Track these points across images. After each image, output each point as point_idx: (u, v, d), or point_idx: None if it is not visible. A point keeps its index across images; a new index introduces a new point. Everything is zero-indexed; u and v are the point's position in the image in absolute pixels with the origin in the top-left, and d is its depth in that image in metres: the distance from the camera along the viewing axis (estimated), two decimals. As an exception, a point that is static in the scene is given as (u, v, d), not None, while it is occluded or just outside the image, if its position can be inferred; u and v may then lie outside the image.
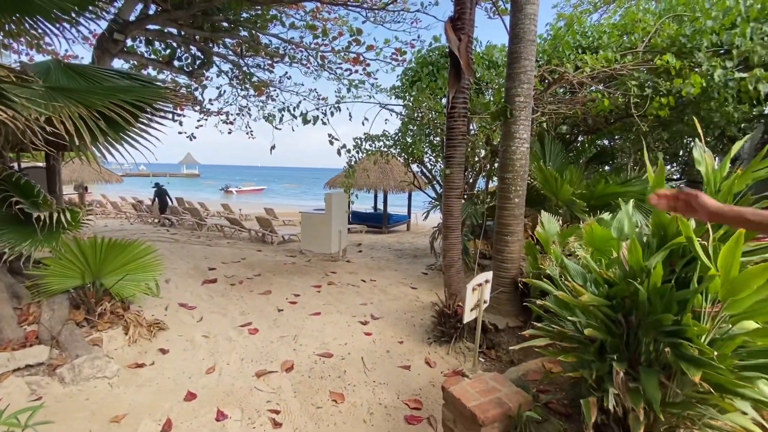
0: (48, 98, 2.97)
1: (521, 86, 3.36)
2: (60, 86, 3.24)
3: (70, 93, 3.15)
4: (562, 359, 1.85)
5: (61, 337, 3.42)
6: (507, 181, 3.48)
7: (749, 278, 1.33)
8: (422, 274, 6.78)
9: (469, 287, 2.64)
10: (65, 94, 3.10)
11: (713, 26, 4.16)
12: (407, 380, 3.29)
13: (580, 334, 1.93)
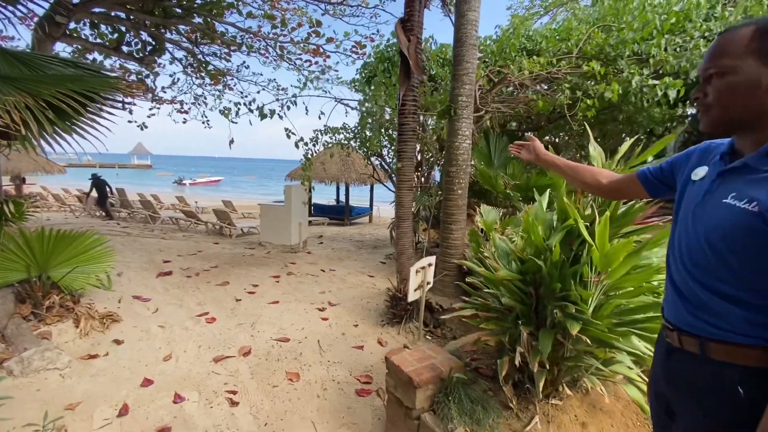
0: None
1: (463, 87, 3.65)
2: (4, 74, 3.14)
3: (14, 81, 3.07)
4: (483, 326, 2.16)
5: (7, 331, 3.35)
6: (452, 174, 3.78)
7: (617, 251, 1.68)
8: (380, 263, 7.05)
9: (412, 270, 2.91)
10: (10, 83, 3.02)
11: (634, 37, 4.67)
12: (360, 359, 3.54)
13: (500, 305, 2.25)
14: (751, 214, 0.82)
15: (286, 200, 7.70)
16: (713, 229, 0.90)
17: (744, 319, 0.86)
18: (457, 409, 2.11)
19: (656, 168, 1.22)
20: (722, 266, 0.88)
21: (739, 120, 0.89)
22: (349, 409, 2.85)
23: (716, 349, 0.90)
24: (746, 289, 0.85)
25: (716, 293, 0.90)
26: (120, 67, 9.70)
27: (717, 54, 0.90)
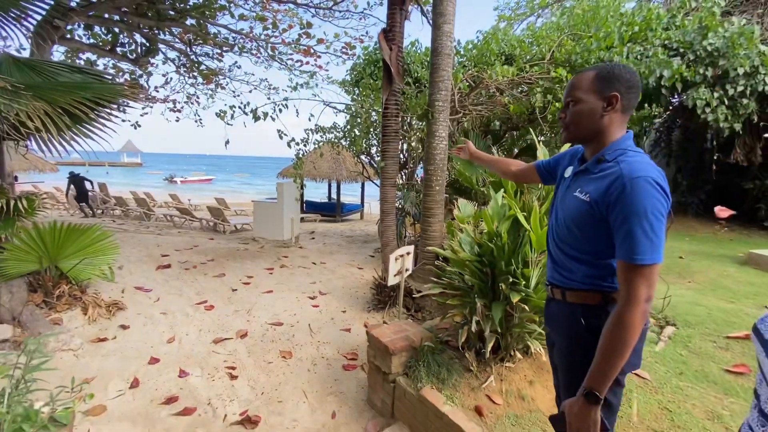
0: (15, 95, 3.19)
1: (440, 93, 4.02)
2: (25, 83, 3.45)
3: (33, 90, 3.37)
4: (449, 302, 2.55)
5: (23, 317, 3.66)
6: (430, 172, 4.15)
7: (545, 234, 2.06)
8: (369, 256, 7.42)
9: (392, 257, 3.28)
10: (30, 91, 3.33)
11: (599, 45, 5.08)
12: (347, 339, 3.92)
13: (463, 284, 2.64)
14: (585, 203, 1.18)
15: (278, 197, 8.02)
16: (568, 214, 1.26)
17: (585, 274, 1.24)
18: (425, 372, 2.50)
19: (547, 161, 1.63)
20: (573, 239, 1.25)
21: (584, 136, 1.24)
22: (336, 381, 3.22)
23: (570, 294, 1.29)
24: (585, 253, 1.23)
25: (570, 257, 1.28)
26: (114, 67, 9.90)
27: (573, 88, 1.23)
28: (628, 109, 1.20)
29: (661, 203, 1.05)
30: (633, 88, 1.18)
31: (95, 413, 2.72)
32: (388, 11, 4.32)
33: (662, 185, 1.07)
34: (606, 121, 1.19)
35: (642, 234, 1.04)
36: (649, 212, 1.04)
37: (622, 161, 1.13)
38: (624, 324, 1.06)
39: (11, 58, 3.79)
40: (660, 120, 8.10)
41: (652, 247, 1.04)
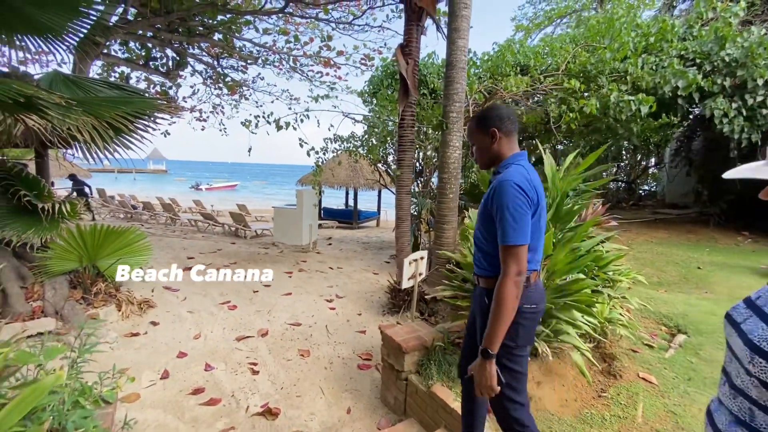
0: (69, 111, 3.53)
1: (454, 104, 4.18)
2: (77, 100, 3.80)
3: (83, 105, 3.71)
4: (460, 304, 2.67)
5: (64, 311, 3.96)
6: (444, 180, 4.30)
7: (547, 240, 2.18)
8: (385, 262, 7.58)
9: (406, 261, 3.43)
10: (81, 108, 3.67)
11: (613, 56, 5.16)
12: (362, 341, 4.07)
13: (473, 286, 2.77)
14: (483, 205, 1.53)
15: (297, 203, 8.29)
16: (478, 218, 1.59)
17: (489, 263, 1.55)
18: (437, 370, 2.62)
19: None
20: (482, 236, 1.58)
21: (486, 163, 1.61)
22: (351, 379, 3.37)
23: (481, 281, 1.62)
24: (488, 247, 1.54)
25: (481, 251, 1.60)
26: (145, 80, 10.47)
27: (469, 134, 1.66)
28: (510, 133, 1.55)
29: (519, 199, 1.37)
30: (505, 119, 1.54)
31: (130, 400, 2.95)
32: (405, 27, 4.53)
33: (522, 186, 1.38)
34: (496, 148, 1.55)
35: (507, 223, 1.36)
36: (510, 206, 1.36)
37: (503, 172, 1.49)
38: (501, 293, 1.37)
39: (60, 75, 4.16)
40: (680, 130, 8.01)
41: (515, 233, 1.36)
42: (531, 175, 1.46)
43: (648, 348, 3.12)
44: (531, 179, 1.43)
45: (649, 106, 4.66)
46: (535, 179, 1.47)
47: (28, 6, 3.69)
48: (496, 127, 1.53)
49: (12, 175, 3.80)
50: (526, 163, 1.52)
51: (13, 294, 3.84)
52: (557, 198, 2.48)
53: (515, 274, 1.37)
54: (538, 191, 1.45)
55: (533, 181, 1.44)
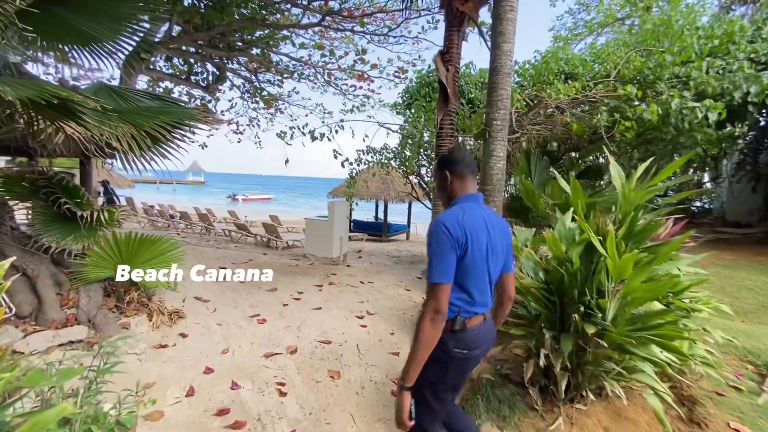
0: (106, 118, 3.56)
1: (498, 111, 3.91)
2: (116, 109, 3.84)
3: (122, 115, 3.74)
4: (513, 332, 2.36)
5: (97, 320, 3.94)
6: (486, 193, 4.01)
7: (626, 262, 1.85)
8: (417, 278, 7.27)
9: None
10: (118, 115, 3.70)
11: (673, 60, 4.73)
12: (396, 364, 3.78)
13: (527, 312, 2.44)
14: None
15: (329, 215, 8.18)
16: None
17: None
18: (485, 407, 2.31)
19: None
20: None
21: (444, 202, 1.66)
22: (384, 407, 3.08)
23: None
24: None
25: None
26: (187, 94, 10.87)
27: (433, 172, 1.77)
28: (463, 176, 1.61)
29: (442, 238, 1.39)
30: (458, 163, 1.62)
31: (154, 418, 2.80)
32: (445, 33, 4.34)
33: (447, 226, 1.40)
34: (449, 188, 1.64)
35: (430, 260, 1.40)
36: (434, 244, 1.40)
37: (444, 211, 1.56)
38: (417, 329, 1.39)
39: (104, 86, 4.25)
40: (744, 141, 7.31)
41: (434, 271, 1.38)
42: (467, 215, 1.46)
43: (735, 391, 2.64)
44: (463, 220, 1.43)
45: (717, 113, 4.19)
46: (472, 220, 1.45)
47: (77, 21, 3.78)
48: (449, 169, 1.62)
49: (53, 183, 3.86)
50: (469, 205, 1.53)
51: (49, 300, 3.86)
52: (630, 213, 2.14)
53: (432, 312, 1.38)
54: (468, 232, 1.42)
55: (466, 221, 1.43)
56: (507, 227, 1.63)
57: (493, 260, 1.49)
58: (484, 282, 1.49)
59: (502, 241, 1.56)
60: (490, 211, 1.61)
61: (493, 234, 1.49)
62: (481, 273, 1.46)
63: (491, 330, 1.61)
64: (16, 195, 3.88)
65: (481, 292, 1.48)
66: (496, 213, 1.65)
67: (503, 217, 1.86)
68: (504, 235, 1.58)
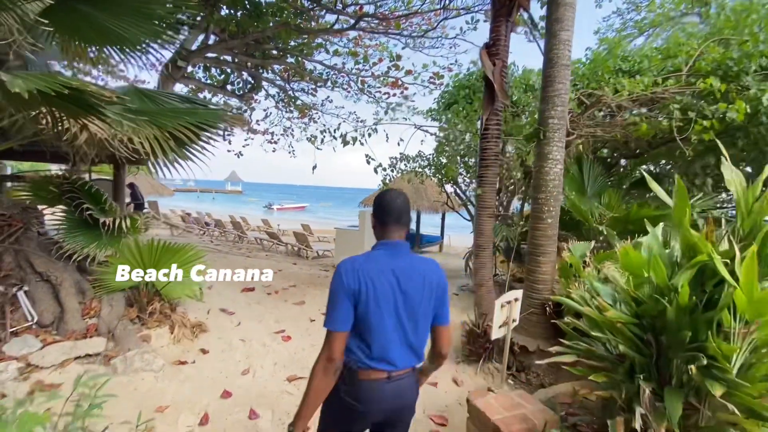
0: (131, 119, 3.41)
1: (555, 108, 3.41)
2: (139, 109, 3.69)
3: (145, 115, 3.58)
4: (592, 378, 1.84)
5: (117, 332, 3.75)
6: (540, 202, 3.49)
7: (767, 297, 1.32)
8: (454, 294, 6.74)
9: (497, 303, 2.67)
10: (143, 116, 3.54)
11: (762, 50, 4.03)
12: (434, 397, 3.30)
13: (609, 354, 1.92)
14: None
15: (360, 225, 7.85)
16: None
17: None
18: (554, 473, 1.79)
19: None
20: None
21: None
22: (421, 451, 2.62)
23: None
24: None
25: None
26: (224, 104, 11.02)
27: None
28: (383, 223, 1.45)
29: (335, 285, 1.34)
30: (380, 209, 1.46)
31: (160, 452, 2.49)
32: (491, 24, 3.91)
33: (341, 272, 1.34)
34: (375, 232, 1.51)
35: (327, 306, 1.37)
36: (330, 290, 1.36)
37: None
38: (310, 374, 1.37)
39: (135, 89, 4.14)
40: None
41: (327, 318, 1.34)
42: (369, 263, 1.36)
43: None
44: (361, 267, 1.34)
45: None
46: (373, 269, 1.34)
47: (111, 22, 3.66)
48: (373, 215, 1.51)
49: (77, 188, 3.74)
50: (379, 252, 1.42)
51: (71, 309, 3.71)
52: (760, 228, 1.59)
53: (324, 359, 1.33)
54: (364, 280, 1.32)
55: (364, 269, 1.34)
56: (435, 276, 1.43)
57: (407, 313, 1.36)
58: (385, 336, 1.34)
59: (423, 293, 1.38)
60: (411, 259, 1.42)
61: (405, 284, 1.35)
62: (380, 326, 1.33)
63: (402, 390, 1.41)
64: (43, 200, 3.80)
65: (381, 347, 1.34)
66: (426, 260, 1.46)
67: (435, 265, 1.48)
68: (427, 286, 1.39)
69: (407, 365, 1.41)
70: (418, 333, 1.40)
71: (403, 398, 1.43)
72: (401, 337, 1.36)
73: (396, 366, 1.37)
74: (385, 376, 1.36)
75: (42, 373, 3.16)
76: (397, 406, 1.43)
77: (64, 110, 2.70)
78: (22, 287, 3.68)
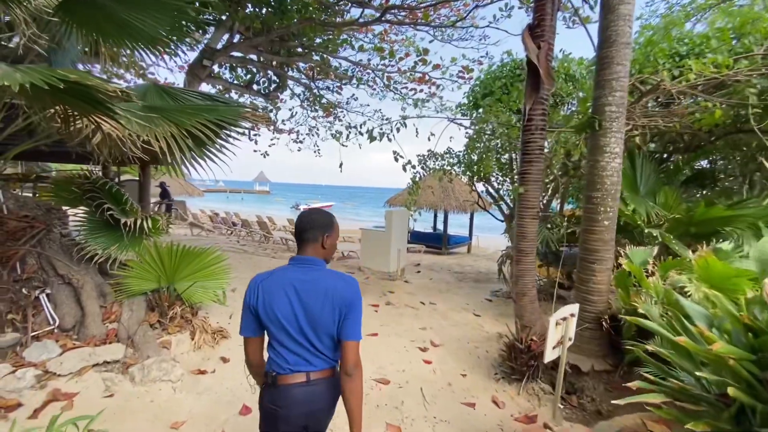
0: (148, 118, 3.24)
1: (613, 94, 2.97)
2: (154, 105, 3.52)
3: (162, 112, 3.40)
4: (691, 428, 1.44)
5: (136, 337, 3.61)
6: (595, 201, 3.06)
7: None
8: (486, 300, 6.32)
9: (552, 321, 2.28)
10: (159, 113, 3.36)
11: None
12: (472, 420, 2.94)
13: (708, 394, 1.51)
14: None
15: (386, 225, 7.54)
16: None
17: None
18: None
19: None
20: None
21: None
22: (462, 489, 2.28)
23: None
24: None
25: None
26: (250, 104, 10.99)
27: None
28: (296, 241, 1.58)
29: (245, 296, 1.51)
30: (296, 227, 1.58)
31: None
32: (536, 4, 3.50)
33: (249, 286, 1.51)
34: None
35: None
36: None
37: None
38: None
39: (154, 86, 4.00)
40: None
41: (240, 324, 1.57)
42: (271, 278, 1.48)
43: None
44: (262, 282, 1.48)
45: None
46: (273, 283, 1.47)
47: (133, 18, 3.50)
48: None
49: (97, 188, 3.62)
50: (284, 267, 1.53)
51: (92, 313, 3.60)
52: None
53: (245, 362, 1.68)
54: (260, 294, 1.46)
55: (264, 284, 1.47)
56: (340, 291, 1.46)
57: (309, 325, 1.45)
58: (287, 345, 1.47)
59: (324, 306, 1.44)
60: (318, 274, 1.49)
61: (306, 297, 1.44)
62: (278, 335, 1.47)
63: (319, 394, 1.50)
64: (65, 200, 3.71)
65: (290, 351, 1.47)
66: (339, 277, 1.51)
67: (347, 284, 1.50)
68: (329, 300, 1.44)
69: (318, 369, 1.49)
70: (322, 343, 1.47)
71: (323, 400, 1.51)
72: (304, 346, 1.46)
73: (313, 366, 1.48)
74: (304, 380, 1.47)
75: (59, 381, 3.03)
76: (319, 409, 1.51)
77: (73, 107, 2.54)
78: (45, 290, 3.60)
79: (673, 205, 4.63)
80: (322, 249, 1.54)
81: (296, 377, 1.47)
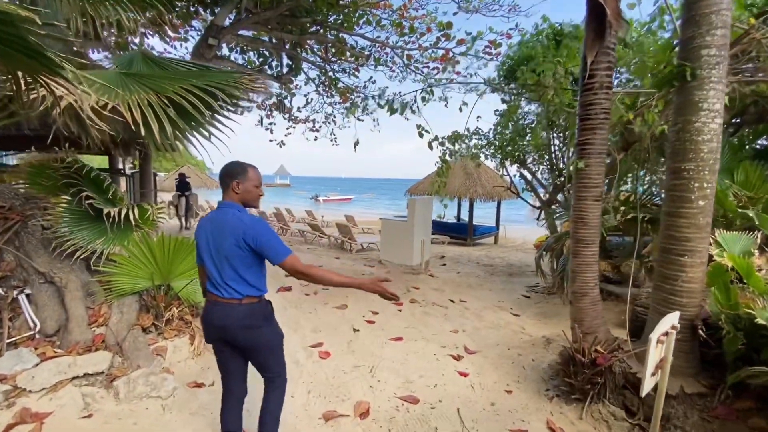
0: (119, 84, 2.71)
1: (712, 33, 2.23)
2: (133, 72, 2.99)
3: (142, 79, 2.88)
4: None
5: (126, 344, 3.14)
6: (685, 176, 2.34)
7: None
8: (523, 296, 5.63)
9: (652, 338, 1.62)
10: (137, 80, 2.84)
11: None
12: (525, 454, 2.32)
13: None
14: None
15: (408, 215, 6.90)
16: None
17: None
18: None
19: None
20: None
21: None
22: None
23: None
24: None
25: None
26: (264, 90, 10.46)
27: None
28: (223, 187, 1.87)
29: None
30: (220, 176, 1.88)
31: None
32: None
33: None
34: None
35: None
36: None
37: None
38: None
39: (142, 54, 3.47)
40: None
41: None
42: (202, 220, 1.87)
43: None
44: (200, 222, 1.87)
45: None
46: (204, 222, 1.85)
47: None
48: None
49: (74, 173, 3.14)
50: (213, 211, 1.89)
51: (76, 316, 3.15)
52: None
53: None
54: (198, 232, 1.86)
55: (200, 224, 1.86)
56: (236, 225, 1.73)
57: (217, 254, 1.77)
58: (209, 271, 1.81)
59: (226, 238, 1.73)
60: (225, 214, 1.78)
61: (215, 233, 1.77)
62: (204, 264, 1.85)
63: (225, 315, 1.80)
64: (43, 188, 3.25)
65: (209, 277, 1.83)
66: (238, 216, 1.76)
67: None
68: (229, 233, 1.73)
69: (229, 295, 1.79)
70: (228, 269, 1.77)
71: (226, 319, 1.80)
72: (218, 272, 1.79)
73: (221, 292, 1.79)
74: (214, 300, 1.83)
75: (31, 398, 2.59)
76: (223, 324, 1.81)
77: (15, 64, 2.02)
78: (24, 290, 3.18)
79: (757, 183, 3.84)
80: (235, 194, 1.82)
81: (213, 296, 1.83)
